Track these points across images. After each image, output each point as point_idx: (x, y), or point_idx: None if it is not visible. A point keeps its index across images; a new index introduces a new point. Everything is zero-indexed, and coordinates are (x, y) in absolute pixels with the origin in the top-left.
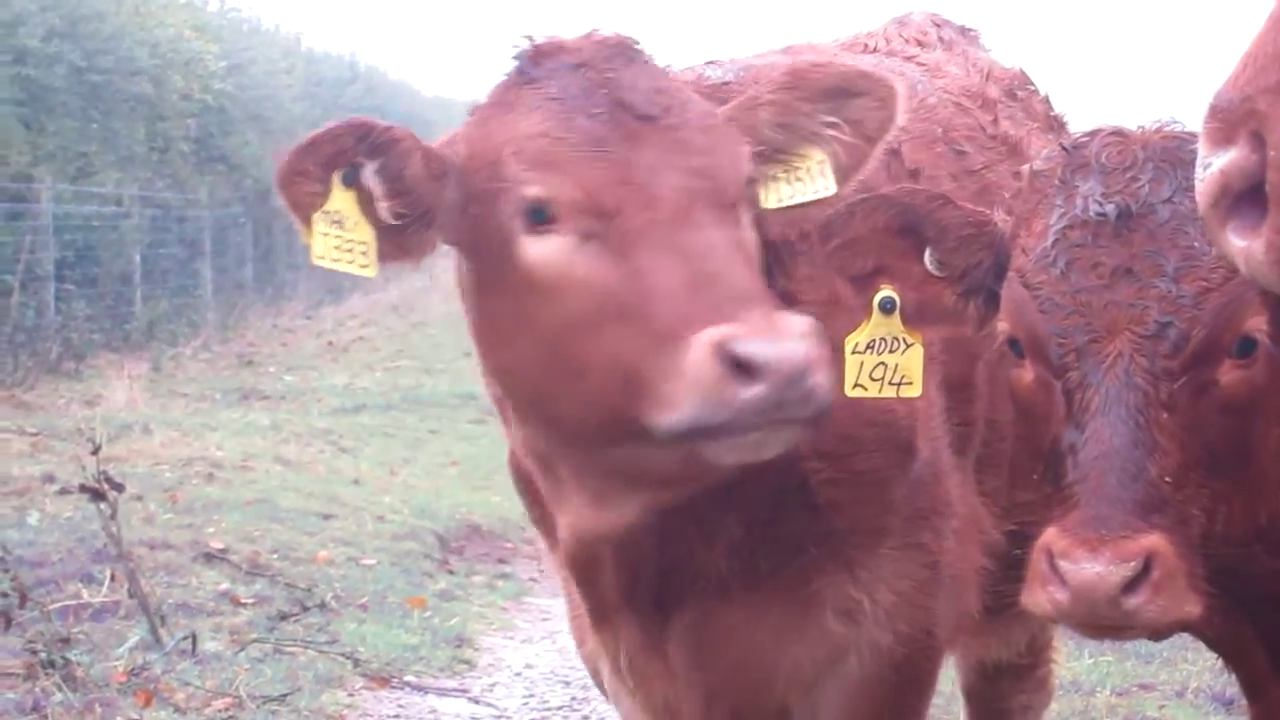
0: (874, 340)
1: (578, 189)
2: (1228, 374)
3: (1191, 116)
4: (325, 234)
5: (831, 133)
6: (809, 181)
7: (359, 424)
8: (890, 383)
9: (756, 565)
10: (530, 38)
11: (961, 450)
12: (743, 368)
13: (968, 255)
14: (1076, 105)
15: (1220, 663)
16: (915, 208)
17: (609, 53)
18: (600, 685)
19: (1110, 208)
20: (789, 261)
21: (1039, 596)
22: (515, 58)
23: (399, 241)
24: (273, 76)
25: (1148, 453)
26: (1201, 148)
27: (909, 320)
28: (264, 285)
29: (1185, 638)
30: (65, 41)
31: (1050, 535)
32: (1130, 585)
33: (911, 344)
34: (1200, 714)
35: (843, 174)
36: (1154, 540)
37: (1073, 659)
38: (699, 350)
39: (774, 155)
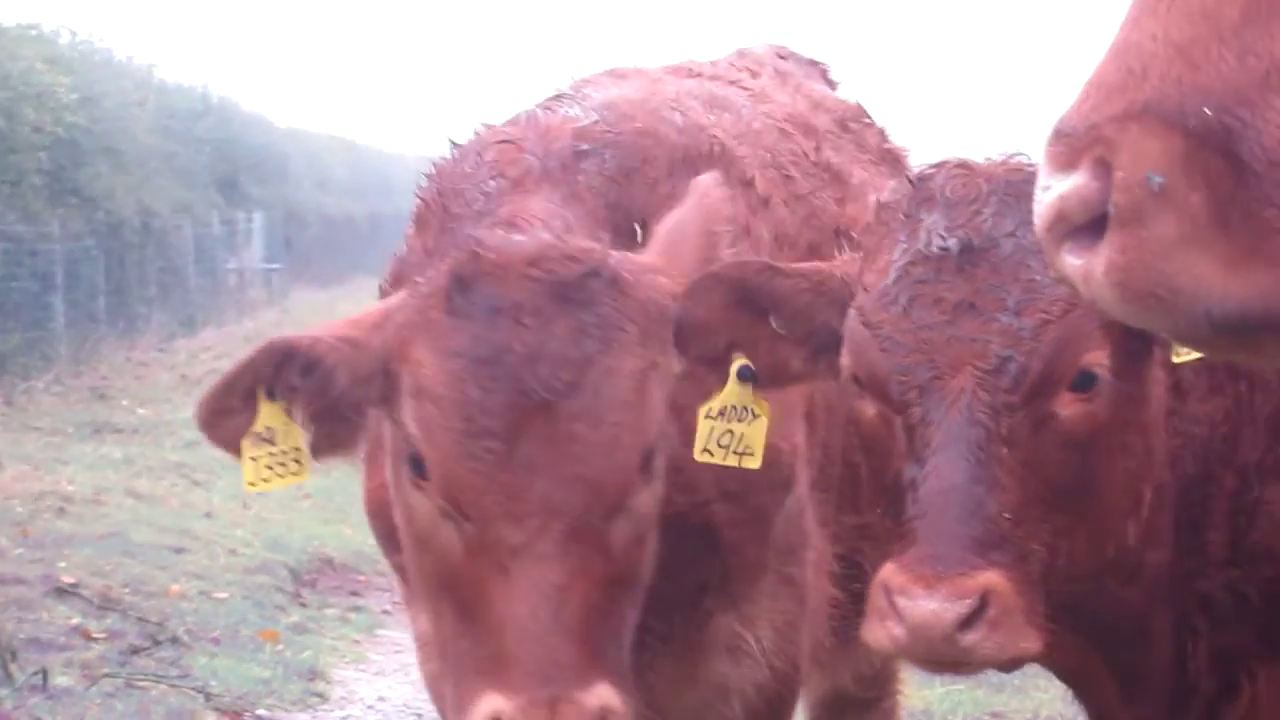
0: (726, 407)
1: (444, 483)
2: (1067, 408)
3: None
4: (255, 458)
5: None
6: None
7: (212, 458)
8: (735, 451)
9: (668, 616)
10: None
11: (810, 480)
12: None
13: (811, 317)
14: (941, 141)
15: (1071, 692)
16: (745, 281)
17: (545, 291)
18: (441, 707)
19: (953, 242)
20: None
21: (878, 632)
22: (451, 273)
23: (331, 441)
24: (126, 109)
25: (987, 489)
26: (1042, 171)
27: (764, 386)
28: (117, 318)
29: (1036, 666)
30: None
31: (888, 571)
32: (966, 622)
33: (759, 415)
34: None
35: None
36: (990, 578)
37: (924, 688)
38: (475, 717)
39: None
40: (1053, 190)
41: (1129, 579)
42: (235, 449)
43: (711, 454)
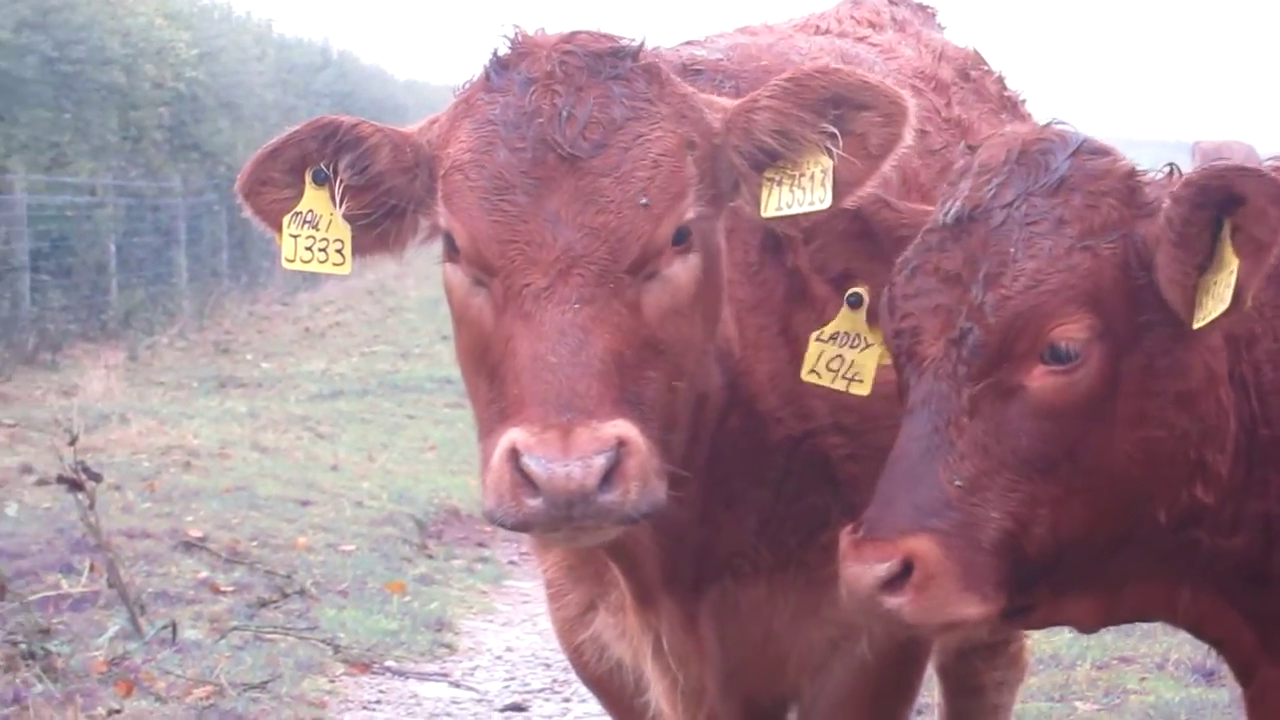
0: (838, 333)
1: (469, 241)
2: (1038, 380)
3: (1141, 89)
4: (296, 236)
5: (830, 145)
6: (809, 190)
7: (336, 410)
8: (843, 376)
9: (784, 542)
10: (514, 30)
11: None
12: (529, 478)
13: None
14: (1033, 83)
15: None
16: (861, 210)
17: (578, 63)
18: (585, 676)
19: (953, 213)
20: (798, 239)
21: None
22: (491, 55)
23: (376, 235)
24: (244, 64)
25: (940, 456)
26: None
27: (873, 318)
28: (239, 272)
29: None
30: (36, 32)
31: (842, 533)
32: (891, 585)
33: (871, 344)
34: (1181, 686)
35: (840, 188)
36: (915, 543)
37: (1053, 633)
38: (499, 451)
39: (772, 161)
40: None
41: (1230, 530)
42: (275, 224)
43: (819, 376)
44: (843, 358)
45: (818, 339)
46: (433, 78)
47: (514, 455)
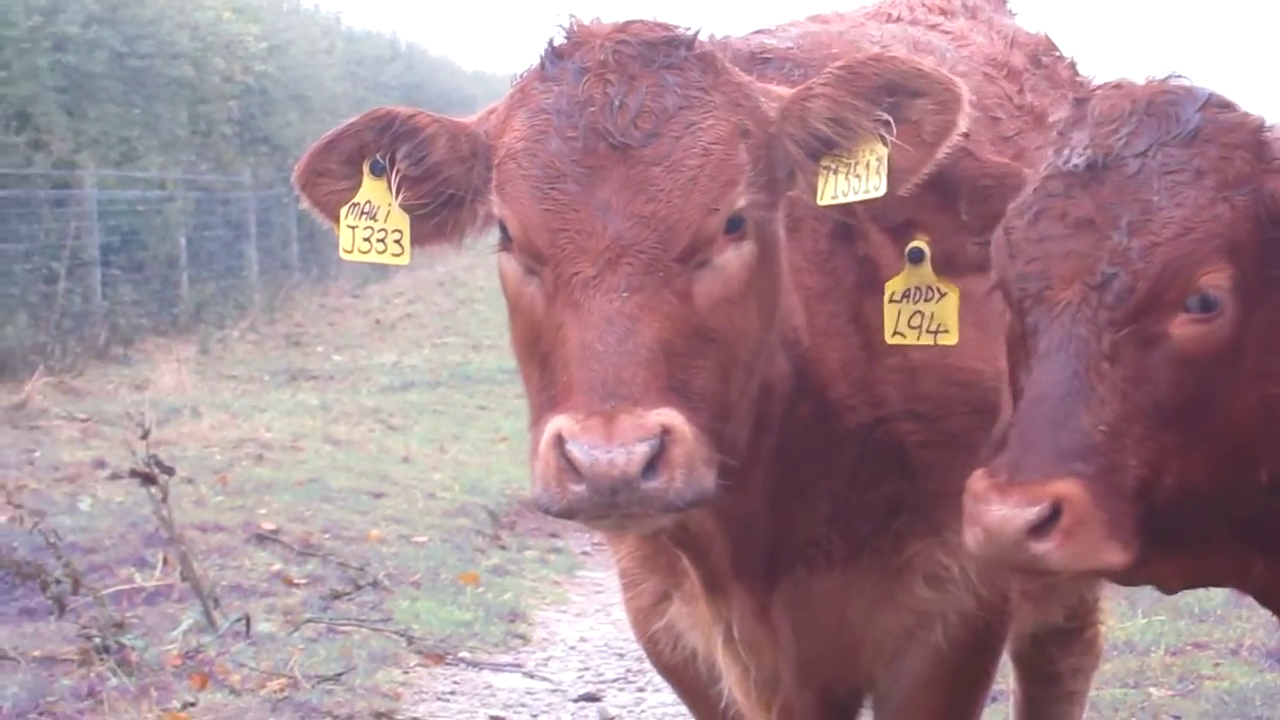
0: (909, 289)
1: (521, 230)
2: (1181, 328)
3: (1215, 70)
4: (354, 227)
5: (884, 132)
6: (865, 178)
7: (408, 402)
8: (928, 330)
9: (856, 530)
10: (570, 20)
11: None
12: (573, 465)
13: (988, 205)
14: (1104, 67)
15: (1274, 619)
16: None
17: (631, 52)
18: (660, 666)
19: (1082, 160)
20: (867, 226)
21: (966, 536)
22: (546, 44)
23: (434, 224)
24: (313, 56)
25: (1082, 401)
26: None
27: (940, 270)
28: (309, 265)
29: (1239, 594)
30: (105, 27)
31: (974, 477)
32: (1038, 529)
33: (946, 293)
34: (1255, 671)
35: (896, 176)
36: (1065, 487)
37: (1126, 619)
38: (545, 438)
39: (828, 149)
40: None
41: None
42: (333, 215)
43: (904, 336)
44: (921, 313)
45: (891, 300)
46: (500, 69)
47: (559, 442)
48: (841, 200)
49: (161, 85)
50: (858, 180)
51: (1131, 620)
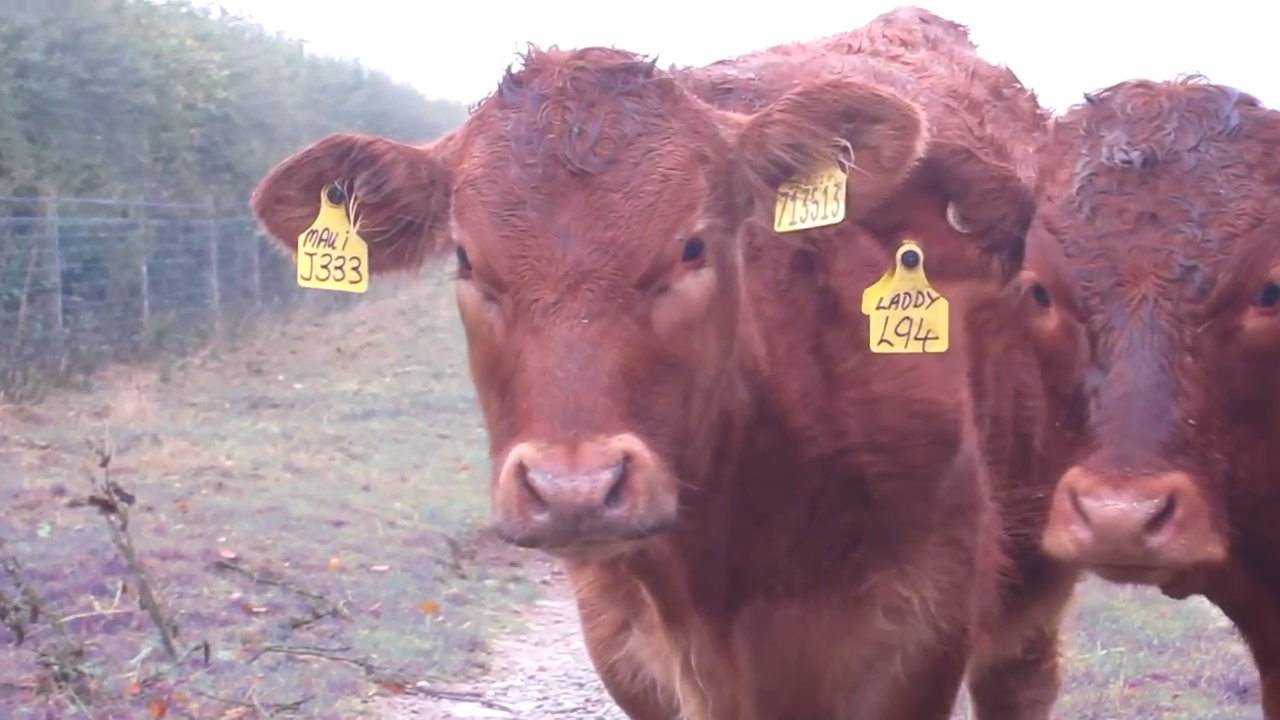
0: (898, 295)
1: (480, 256)
2: (1252, 320)
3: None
4: (312, 254)
5: (843, 158)
6: (823, 204)
7: (369, 430)
8: (916, 338)
9: (816, 560)
10: (528, 47)
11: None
12: (536, 493)
13: (992, 210)
14: (1064, 98)
15: (1233, 651)
16: (939, 162)
17: (590, 79)
18: (619, 696)
19: (1136, 155)
20: (829, 256)
21: (1062, 537)
22: (504, 71)
23: (392, 252)
24: (276, 84)
25: (1171, 394)
26: None
27: (933, 275)
28: (271, 293)
29: (1198, 625)
30: (68, 54)
31: (1073, 474)
32: (1153, 523)
33: (936, 299)
34: (1214, 703)
35: (854, 201)
36: (1177, 479)
37: (1085, 650)
38: (507, 466)
39: (787, 175)
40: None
41: None
42: (291, 242)
43: (891, 344)
44: (910, 319)
45: (878, 307)
46: (464, 97)
47: (521, 470)
48: (800, 226)
49: (124, 112)
50: (816, 206)
51: (1090, 652)
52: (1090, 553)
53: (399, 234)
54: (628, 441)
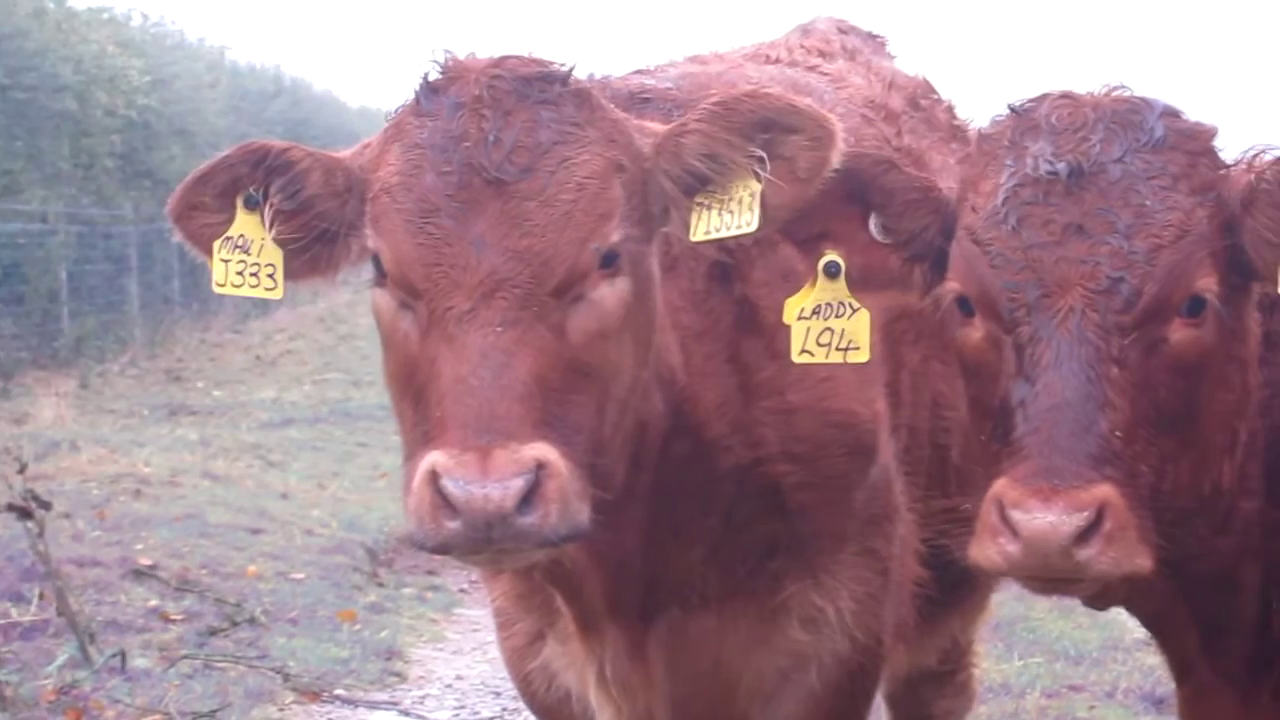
0: (819, 305)
1: (395, 264)
2: (1177, 332)
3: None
4: (227, 260)
5: (758, 168)
6: (738, 214)
7: (287, 438)
8: (837, 348)
9: (732, 570)
10: (445, 55)
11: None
12: (448, 500)
13: (914, 220)
14: (982, 109)
15: (1149, 662)
16: (861, 172)
17: (506, 87)
18: (534, 706)
19: (1062, 166)
20: (746, 267)
21: (989, 550)
22: (421, 79)
23: (308, 259)
24: (197, 91)
25: (1099, 406)
26: None
27: (854, 286)
28: (191, 300)
29: (1115, 637)
30: None
31: (1001, 486)
32: (1082, 536)
33: (858, 309)
34: (1130, 714)
35: (769, 212)
36: (1106, 491)
37: (1002, 661)
38: (420, 473)
39: (702, 185)
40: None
41: (1222, 526)
42: (206, 249)
43: (812, 354)
44: (832, 329)
45: (799, 317)
46: (385, 104)
47: (434, 477)
48: (715, 236)
49: (44, 118)
50: (730, 216)
51: (1007, 663)
52: (1018, 566)
53: (314, 241)
54: (541, 450)
